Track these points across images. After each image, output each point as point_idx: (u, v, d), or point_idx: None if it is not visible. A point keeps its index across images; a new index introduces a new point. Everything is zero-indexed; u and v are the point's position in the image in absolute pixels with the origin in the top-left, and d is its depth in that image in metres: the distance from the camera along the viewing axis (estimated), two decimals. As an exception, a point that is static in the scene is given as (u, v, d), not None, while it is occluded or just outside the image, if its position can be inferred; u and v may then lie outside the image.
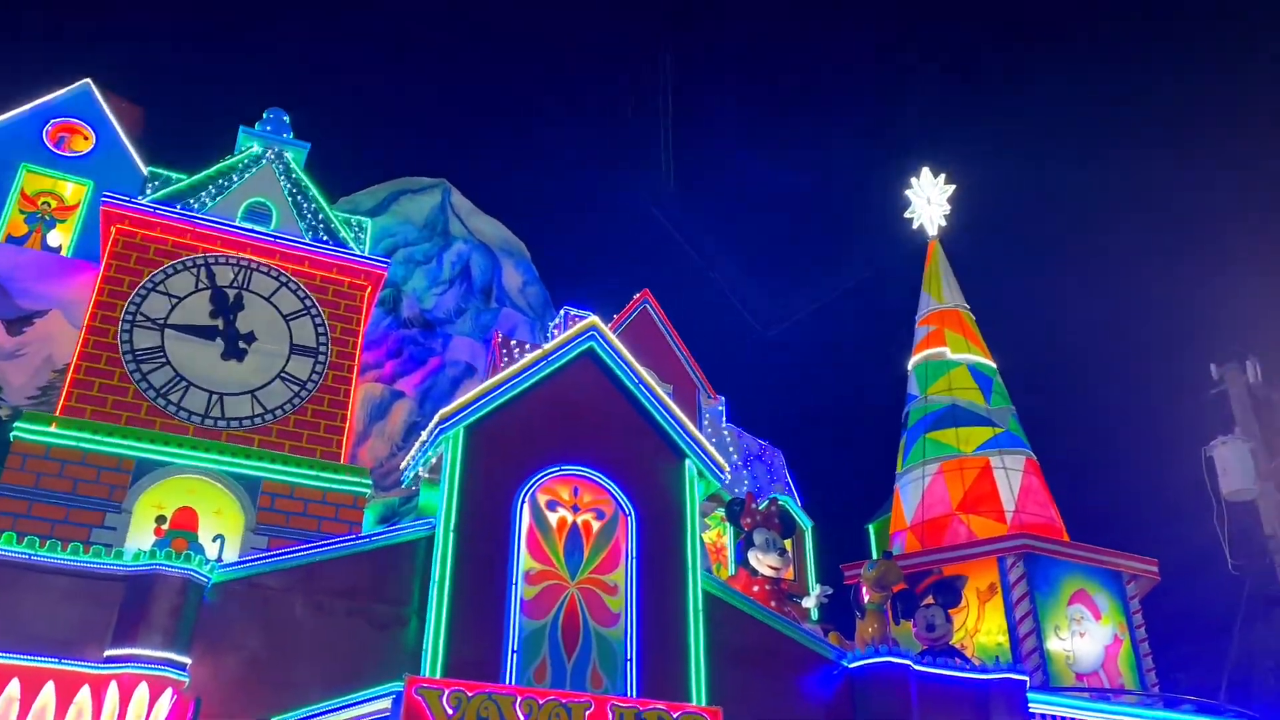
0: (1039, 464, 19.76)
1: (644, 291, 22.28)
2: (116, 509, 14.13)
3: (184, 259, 16.48)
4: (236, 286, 16.61)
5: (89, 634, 9.74)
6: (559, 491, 12.25)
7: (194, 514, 14.30)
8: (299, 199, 17.94)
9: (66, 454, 14.24)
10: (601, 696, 10.86)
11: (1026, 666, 15.10)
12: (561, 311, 19.31)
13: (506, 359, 19.31)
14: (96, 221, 17.26)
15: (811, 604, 17.58)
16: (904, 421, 20.87)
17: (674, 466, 12.82)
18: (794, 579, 18.20)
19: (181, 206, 16.85)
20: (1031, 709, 12.83)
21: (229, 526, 14.69)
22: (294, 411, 15.92)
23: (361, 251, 17.87)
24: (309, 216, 17.82)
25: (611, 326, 18.06)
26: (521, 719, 10.13)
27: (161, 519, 14.21)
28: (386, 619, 11.03)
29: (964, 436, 19.57)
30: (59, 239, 19.15)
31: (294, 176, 18.17)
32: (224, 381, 15.76)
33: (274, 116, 18.86)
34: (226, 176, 17.72)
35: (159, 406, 15.16)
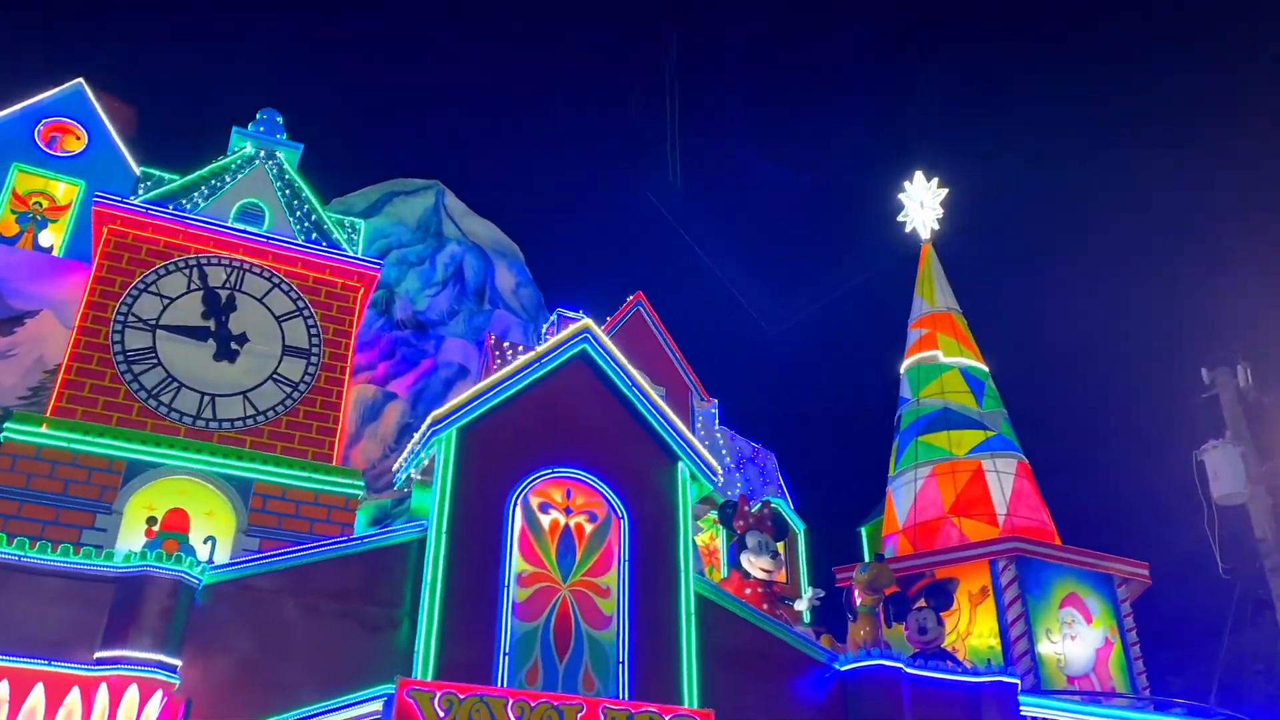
0: (1031, 467, 19.81)
1: (637, 294, 22.31)
2: (107, 510, 14.08)
3: (176, 259, 16.44)
4: (229, 287, 16.57)
5: (79, 635, 9.71)
6: (551, 494, 12.24)
7: (185, 515, 14.34)
8: (292, 200, 17.91)
9: (57, 455, 14.19)
10: (593, 699, 10.86)
11: (1018, 669, 15.12)
12: (554, 314, 19.34)
13: (499, 361, 19.31)
14: (88, 222, 17.20)
15: (804, 607, 17.61)
16: (896, 425, 20.90)
17: (667, 469, 12.82)
18: (786, 582, 18.22)
19: (174, 207, 16.80)
20: (1023, 712, 12.85)
21: (220, 528, 14.64)
22: (286, 413, 15.89)
23: (354, 253, 17.84)
24: (302, 217, 17.78)
25: (604, 329, 18.06)
26: (513, 721, 10.14)
27: (152, 520, 14.19)
28: (378, 621, 11.02)
29: (956, 440, 19.60)
30: (50, 239, 19.07)
31: (287, 177, 18.14)
32: (216, 382, 15.73)
33: (267, 117, 18.81)
34: (219, 177, 17.68)
35: (150, 407, 15.11)
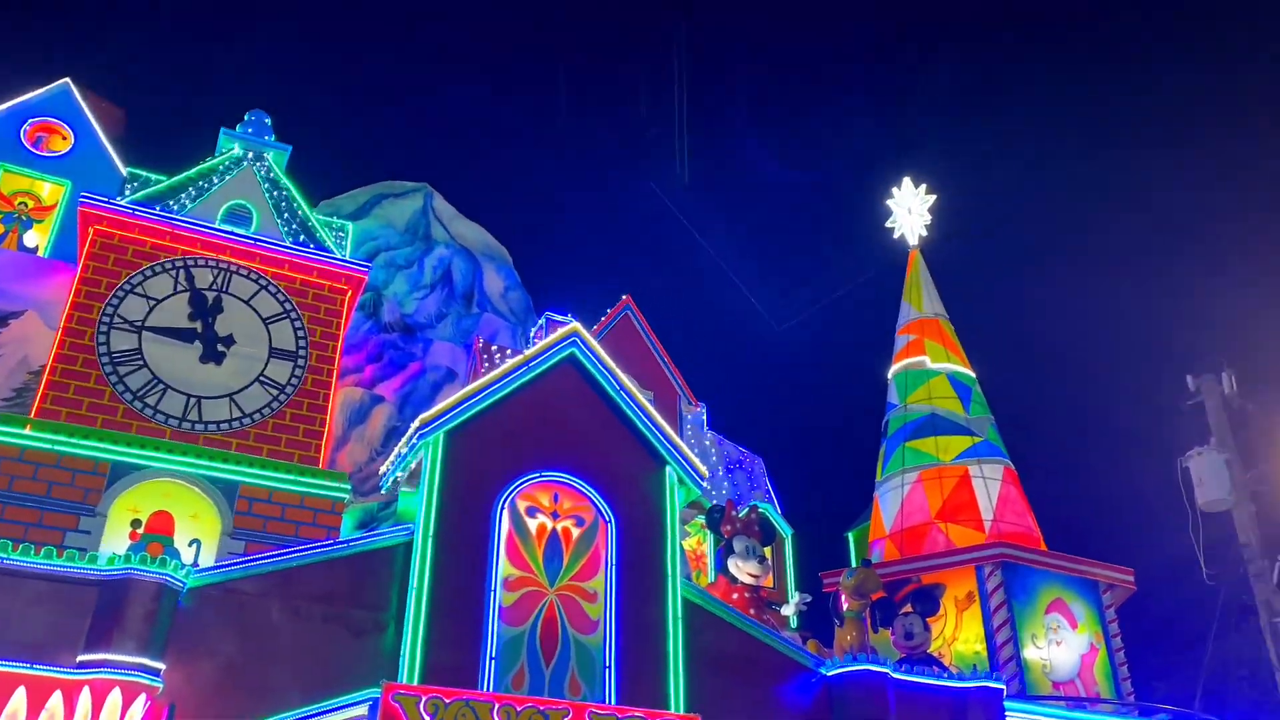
0: (1017, 473, 19.88)
1: (626, 298, 22.31)
2: (91, 512, 13.99)
3: (163, 261, 16.35)
4: (215, 289, 16.49)
5: (62, 639, 9.64)
6: (539, 498, 12.23)
7: (170, 518, 14.25)
8: (280, 202, 17.84)
9: (41, 457, 14.09)
10: (580, 704, 10.84)
11: (1003, 675, 15.17)
12: (543, 317, 19.30)
13: (487, 364, 19.26)
14: (74, 222, 17.10)
15: (790, 612, 17.62)
16: (883, 430, 20.94)
17: (654, 473, 12.82)
18: (773, 587, 18.25)
19: (161, 208, 16.72)
20: (1008, 717, 12.87)
21: (205, 531, 14.56)
22: (272, 415, 15.82)
23: (342, 255, 17.78)
24: (290, 220, 17.72)
25: (593, 332, 18.05)
26: (499, 726, 10.12)
27: (137, 523, 14.09)
28: (364, 625, 10.97)
29: (943, 445, 19.66)
30: (36, 239, 18.96)
31: (275, 179, 18.07)
32: (202, 384, 15.64)
33: (255, 118, 18.73)
34: (207, 178, 17.60)
35: (135, 409, 15.02)
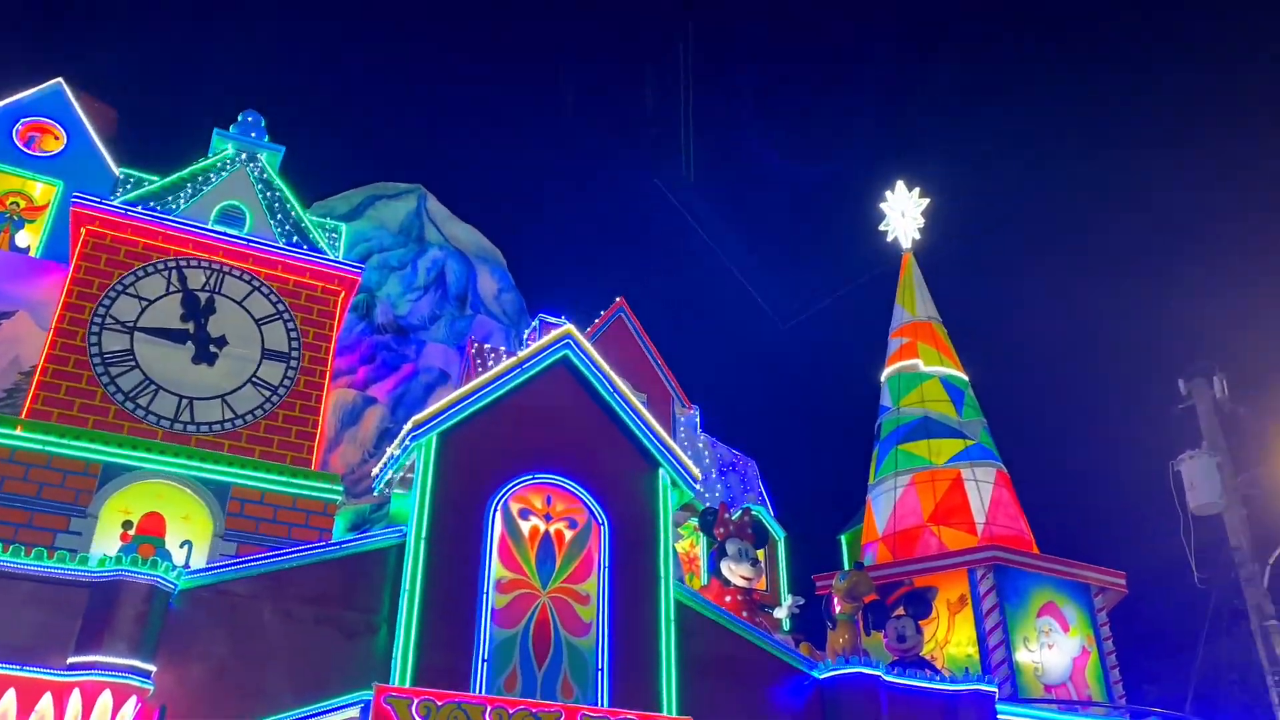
0: (1009, 476, 19.92)
1: (619, 300, 22.29)
2: (82, 514, 13.93)
3: (155, 261, 16.30)
4: (208, 290, 16.45)
5: (52, 641, 9.59)
6: (532, 500, 12.21)
7: (161, 519, 14.22)
8: (273, 203, 17.80)
9: (31, 457, 14.03)
10: (572, 706, 10.84)
11: (995, 678, 15.18)
12: (536, 319, 19.27)
13: (481, 366, 19.24)
14: (66, 222, 17.04)
15: (783, 614, 17.63)
16: (876, 433, 20.97)
17: (647, 476, 12.81)
18: (766, 589, 18.25)
19: (154, 208, 16.66)
20: (1000, 720, 12.90)
21: (197, 532, 14.52)
22: (265, 416, 15.78)
23: (336, 256, 17.74)
24: (283, 220, 17.67)
25: (586, 335, 18.00)
26: (491, 729, 10.10)
27: (128, 524, 14.06)
28: (356, 627, 10.94)
29: (936, 448, 19.70)
30: (27, 239, 18.90)
31: (268, 180, 18.03)
32: (194, 385, 15.60)
33: (249, 119, 18.69)
34: (200, 179, 17.54)
35: (127, 410, 14.98)
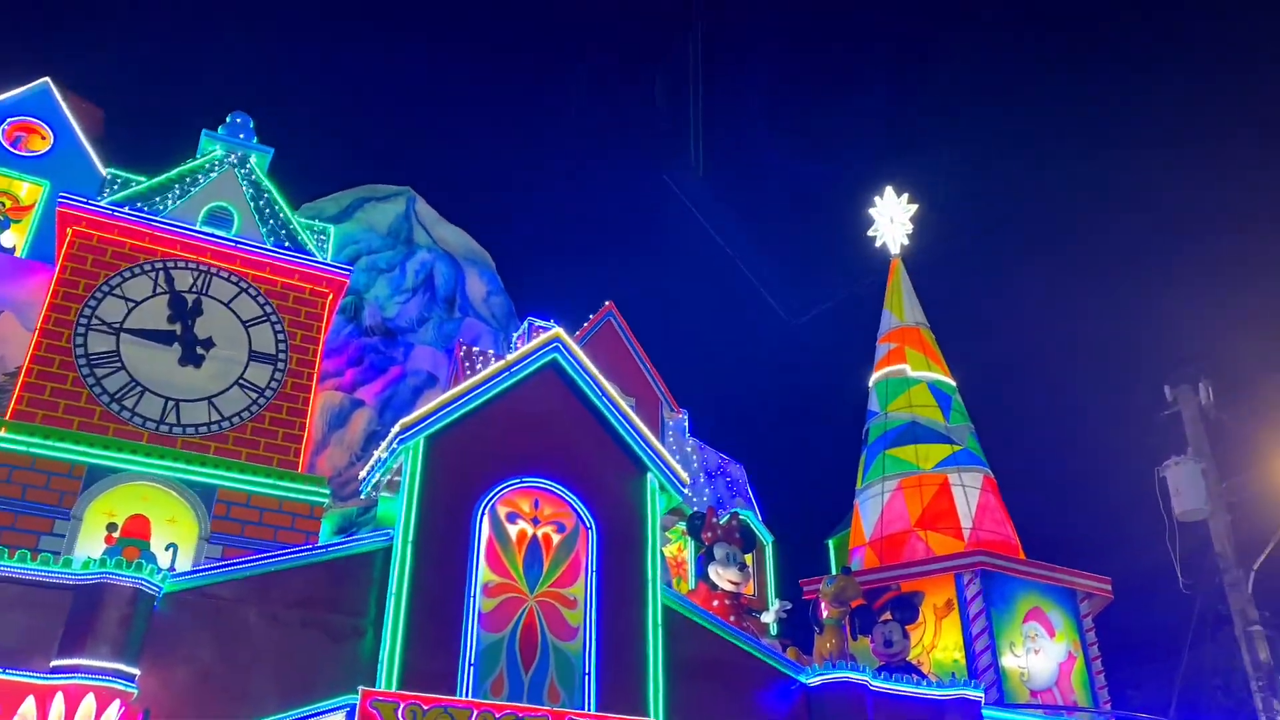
0: (996, 481, 19.98)
1: (608, 304, 22.29)
2: (66, 516, 13.85)
3: (142, 263, 16.22)
4: (195, 291, 16.37)
5: (35, 643, 9.53)
6: (519, 504, 12.19)
7: (146, 522, 14.13)
8: (261, 204, 17.74)
9: (15, 459, 13.94)
10: (559, 711, 10.82)
11: (982, 683, 15.20)
12: (525, 322, 19.25)
13: (469, 369, 19.20)
14: (52, 222, 16.95)
15: (771, 619, 17.65)
16: (864, 438, 21.02)
17: (635, 480, 12.81)
18: (754, 594, 18.26)
19: (141, 209, 16.59)
20: (986, 725, 12.93)
21: (182, 535, 14.44)
22: (251, 419, 15.71)
23: (324, 258, 17.69)
24: (271, 222, 17.61)
25: (575, 338, 18.00)
26: (477, 733, 10.07)
27: (113, 526, 13.96)
28: (342, 630, 10.90)
29: (923, 453, 19.75)
30: (13, 239, 18.80)
31: (257, 181, 17.97)
32: (180, 387, 15.52)
33: (238, 120, 18.62)
34: (188, 180, 17.47)
35: (113, 412, 14.89)
